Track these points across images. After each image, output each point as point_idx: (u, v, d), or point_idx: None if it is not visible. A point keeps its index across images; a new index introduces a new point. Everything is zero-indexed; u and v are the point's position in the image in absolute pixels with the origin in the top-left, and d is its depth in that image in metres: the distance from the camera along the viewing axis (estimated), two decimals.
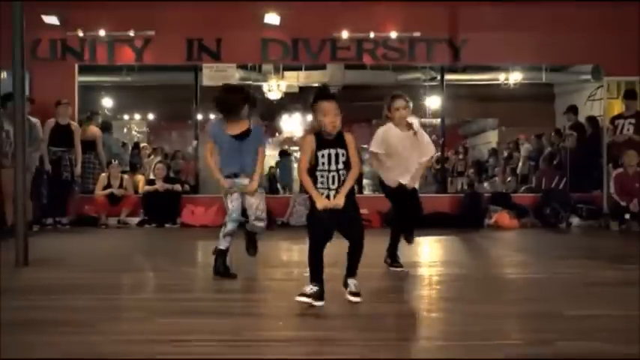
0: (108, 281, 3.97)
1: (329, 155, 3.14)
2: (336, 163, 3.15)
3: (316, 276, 3.07)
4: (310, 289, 3.03)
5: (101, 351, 2.29)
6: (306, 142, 3.16)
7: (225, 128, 4.03)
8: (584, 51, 8.91)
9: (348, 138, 3.18)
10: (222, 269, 4.01)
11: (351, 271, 3.25)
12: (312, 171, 3.15)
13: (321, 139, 3.15)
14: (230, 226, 4.03)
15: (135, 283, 4.01)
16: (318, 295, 3.01)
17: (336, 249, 3.28)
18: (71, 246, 6.20)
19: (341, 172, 3.15)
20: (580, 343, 2.42)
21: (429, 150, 4.28)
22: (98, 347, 2.34)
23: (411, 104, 4.25)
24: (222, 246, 4.03)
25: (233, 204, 4.03)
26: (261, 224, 4.13)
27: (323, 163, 3.14)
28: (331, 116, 3.10)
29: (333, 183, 3.14)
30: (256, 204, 4.09)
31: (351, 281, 3.24)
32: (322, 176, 3.16)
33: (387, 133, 4.20)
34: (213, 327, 2.70)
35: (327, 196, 3.13)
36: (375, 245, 4.16)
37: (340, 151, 3.15)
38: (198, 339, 2.49)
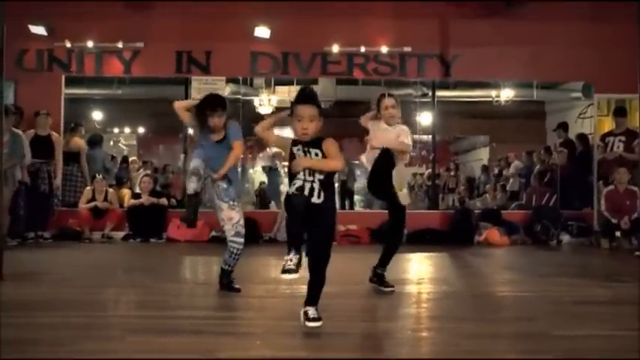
0: (86, 297, 3.85)
1: (305, 152, 2.90)
2: None
3: (293, 245, 2.84)
4: (289, 261, 2.79)
5: None
6: (286, 139, 3.00)
7: (208, 136, 4.01)
8: (575, 68, 8.97)
9: (328, 142, 2.90)
10: (226, 286, 4.07)
11: (311, 299, 2.90)
12: (289, 170, 2.94)
13: (298, 141, 2.94)
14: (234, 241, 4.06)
15: (114, 300, 3.91)
16: (297, 264, 2.81)
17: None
18: (52, 260, 6.06)
19: (317, 174, 2.87)
20: None
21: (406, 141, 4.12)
22: None
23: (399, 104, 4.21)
24: (224, 264, 4.12)
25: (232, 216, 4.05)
26: (241, 240, 4.00)
27: (299, 156, 2.91)
28: (305, 122, 2.84)
29: (311, 175, 2.87)
30: (237, 218, 3.97)
31: (309, 309, 2.89)
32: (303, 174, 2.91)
33: (376, 125, 4.21)
34: (187, 346, 2.60)
35: (302, 187, 2.83)
36: (363, 262, 4.08)
37: (314, 150, 2.88)
38: (168, 359, 2.37)
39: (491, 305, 3.83)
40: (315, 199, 2.85)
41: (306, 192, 2.85)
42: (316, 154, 2.88)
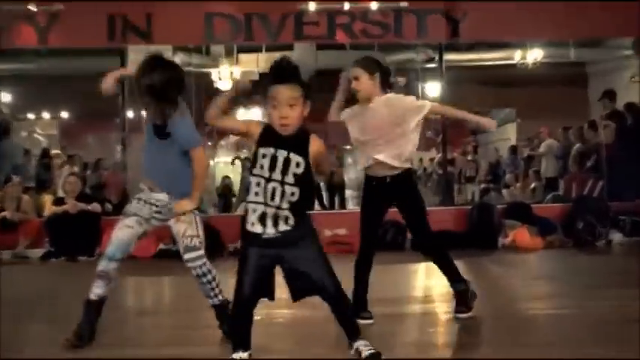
0: None
1: (273, 158, 2.77)
2: (283, 172, 2.77)
3: (240, 337, 2.84)
4: None
5: None
6: (253, 124, 2.87)
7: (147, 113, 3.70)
8: (622, 20, 8.97)
9: (315, 145, 2.83)
10: (84, 331, 3.61)
11: (350, 331, 3.02)
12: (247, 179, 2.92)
13: (271, 133, 2.79)
14: (101, 265, 3.63)
15: (33, 339, 3.89)
16: None
17: None
18: None
19: (288, 187, 2.77)
20: None
21: None
22: None
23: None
24: (91, 294, 3.66)
25: (118, 232, 3.62)
26: (195, 254, 3.83)
27: (262, 167, 2.77)
28: (282, 108, 2.75)
29: (273, 198, 2.76)
30: (183, 230, 3.72)
31: (359, 344, 3.00)
32: (258, 184, 2.77)
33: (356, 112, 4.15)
34: None
35: (263, 216, 2.75)
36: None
37: (294, 157, 2.77)
38: None
39: (517, 328, 3.84)
40: (283, 227, 2.79)
41: (270, 222, 2.77)
42: (297, 164, 2.77)
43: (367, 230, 4.07)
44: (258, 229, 2.76)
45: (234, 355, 2.74)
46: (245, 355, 2.74)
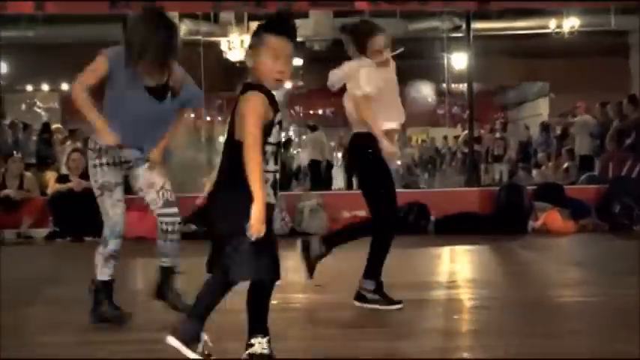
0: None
1: (280, 126, 2.79)
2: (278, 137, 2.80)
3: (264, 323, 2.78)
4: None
5: None
6: (258, 101, 2.69)
7: (134, 72, 3.58)
8: None
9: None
10: (108, 313, 3.75)
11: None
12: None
13: (270, 94, 2.75)
14: (113, 245, 3.72)
15: (40, 324, 3.98)
16: None
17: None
18: None
19: (278, 148, 2.81)
20: None
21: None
22: None
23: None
24: (104, 276, 3.74)
25: (116, 209, 3.70)
26: (173, 211, 3.76)
27: (274, 133, 2.76)
28: (283, 61, 2.72)
29: (276, 163, 2.79)
30: (160, 182, 3.75)
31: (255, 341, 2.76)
32: (273, 153, 2.75)
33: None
34: None
35: (274, 184, 2.76)
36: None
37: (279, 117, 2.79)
38: None
39: (548, 316, 3.92)
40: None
41: (273, 190, 2.77)
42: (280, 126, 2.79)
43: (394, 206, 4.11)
44: (272, 199, 2.82)
45: (253, 341, 2.82)
46: (264, 340, 2.83)
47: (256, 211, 2.56)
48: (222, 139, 12.38)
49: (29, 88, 13.45)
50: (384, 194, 4.04)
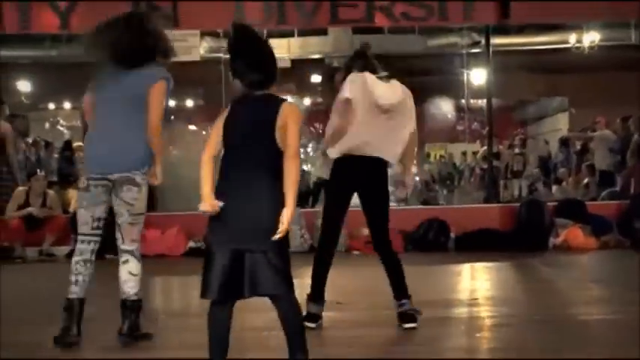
0: (23, 339, 3.99)
1: None
2: None
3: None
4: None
5: None
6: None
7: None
8: None
9: None
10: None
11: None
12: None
13: None
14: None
15: (42, 341, 3.97)
16: None
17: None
18: None
19: None
20: None
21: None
22: None
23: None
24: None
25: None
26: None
27: None
28: None
29: None
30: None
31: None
32: None
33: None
34: None
35: None
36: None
37: None
38: None
39: (570, 333, 3.90)
40: None
41: None
42: None
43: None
44: None
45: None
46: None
47: (290, 216, 2.60)
48: None
49: (51, 106, 13.59)
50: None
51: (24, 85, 12.17)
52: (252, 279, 2.61)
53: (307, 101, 14.39)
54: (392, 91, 4.05)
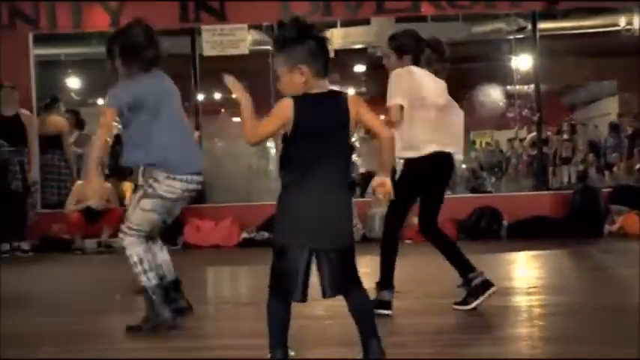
0: (81, 328, 4.09)
1: None
2: None
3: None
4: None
5: None
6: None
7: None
8: None
9: None
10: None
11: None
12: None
13: None
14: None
15: (118, 331, 4.05)
16: None
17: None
18: (34, 280, 6.37)
19: None
20: None
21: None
22: None
23: None
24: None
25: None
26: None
27: None
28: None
29: None
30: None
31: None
32: None
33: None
34: None
35: None
36: (447, 267, 4.19)
37: None
38: None
39: (630, 323, 3.81)
40: None
41: None
42: None
43: None
44: None
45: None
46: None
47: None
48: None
49: (100, 102, 13.78)
50: None
51: (74, 82, 12.38)
52: (331, 278, 2.65)
53: (351, 91, 14.37)
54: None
